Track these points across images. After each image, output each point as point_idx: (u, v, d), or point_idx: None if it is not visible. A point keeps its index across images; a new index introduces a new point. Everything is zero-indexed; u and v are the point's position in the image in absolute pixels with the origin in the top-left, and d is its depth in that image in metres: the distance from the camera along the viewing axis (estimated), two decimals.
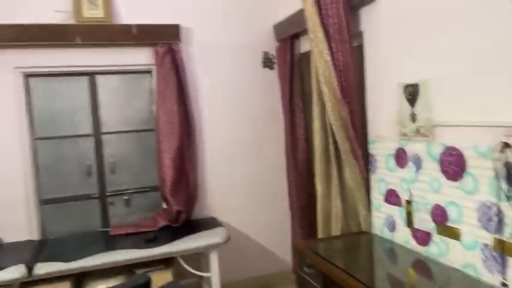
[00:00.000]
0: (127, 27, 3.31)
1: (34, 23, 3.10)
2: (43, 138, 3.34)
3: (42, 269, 2.72)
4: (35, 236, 3.26)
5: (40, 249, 3.00)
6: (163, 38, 3.39)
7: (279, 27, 3.63)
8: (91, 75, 3.43)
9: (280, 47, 3.63)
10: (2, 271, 2.63)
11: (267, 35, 3.75)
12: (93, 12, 3.28)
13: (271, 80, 3.80)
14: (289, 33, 3.44)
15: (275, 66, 3.80)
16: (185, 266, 3.13)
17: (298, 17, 3.05)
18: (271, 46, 3.77)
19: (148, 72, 3.54)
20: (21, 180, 3.21)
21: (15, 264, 2.68)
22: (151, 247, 2.97)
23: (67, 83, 3.38)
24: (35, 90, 3.30)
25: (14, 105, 3.18)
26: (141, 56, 3.44)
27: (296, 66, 3.53)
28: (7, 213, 3.17)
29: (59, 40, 3.19)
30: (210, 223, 3.45)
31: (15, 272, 2.64)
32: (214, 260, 3.17)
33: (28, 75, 3.26)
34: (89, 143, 3.45)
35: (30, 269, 2.68)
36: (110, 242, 3.13)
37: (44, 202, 3.35)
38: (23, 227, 3.22)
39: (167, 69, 3.38)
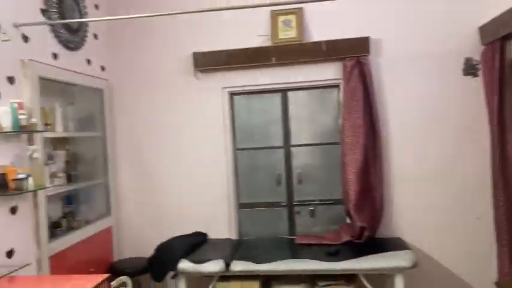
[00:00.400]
0: (317, 45, 3.44)
1: (239, 48, 3.53)
2: (242, 149, 3.76)
3: (237, 266, 3.04)
4: (233, 235, 3.68)
5: (236, 248, 3.36)
6: (352, 52, 3.39)
7: (485, 29, 3.17)
8: (283, 91, 3.69)
9: (487, 51, 3.16)
10: (207, 263, 3.05)
11: (469, 38, 3.32)
12: (287, 33, 3.53)
13: (474, 89, 3.33)
14: (499, 34, 2.96)
15: (479, 73, 3.33)
16: (368, 285, 3.01)
17: (510, 16, 2.60)
18: (474, 51, 3.31)
19: (336, 86, 3.59)
20: (225, 185, 3.68)
21: (217, 259, 3.08)
22: (333, 261, 2.98)
23: (262, 99, 3.73)
24: (237, 106, 3.76)
25: (222, 120, 3.69)
26: (329, 71, 3.51)
27: (507, 72, 3.01)
28: (213, 214, 3.68)
29: (258, 61, 3.54)
30: (396, 244, 3.24)
31: (216, 265, 3.03)
32: (399, 284, 2.95)
33: (233, 94, 3.73)
34: (280, 155, 3.71)
35: (227, 265, 3.04)
36: (295, 250, 3.27)
37: (241, 206, 3.76)
38: (224, 226, 3.68)
39: (354, 82, 3.36)
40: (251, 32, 3.57)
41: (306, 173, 3.68)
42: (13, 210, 2.52)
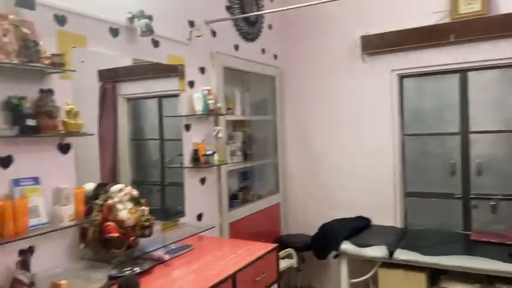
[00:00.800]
0: (508, 17, 2.99)
1: (411, 27, 3.33)
2: (411, 135, 3.57)
3: (402, 255, 2.94)
4: (398, 223, 3.55)
5: (401, 237, 3.24)
6: None
7: None
8: (463, 72, 3.34)
9: None
10: (370, 248, 3.04)
11: None
12: (469, 7, 3.16)
13: None
14: None
15: None
16: None
17: None
18: None
19: None
20: (391, 172, 3.57)
21: (380, 245, 3.04)
22: None
23: (436, 81, 3.45)
24: (406, 90, 3.57)
25: (389, 105, 3.56)
26: None
27: None
28: (377, 199, 3.61)
29: (432, 40, 3.28)
30: None
31: (379, 251, 2.99)
32: None
33: (402, 76, 3.56)
34: (455, 142, 3.39)
35: (391, 252, 2.97)
36: (469, 247, 2.98)
37: (408, 194, 3.59)
38: (388, 213, 3.58)
39: None
40: (424, 9, 3.32)
41: (488, 164, 3.27)
42: (202, 181, 2.97)
